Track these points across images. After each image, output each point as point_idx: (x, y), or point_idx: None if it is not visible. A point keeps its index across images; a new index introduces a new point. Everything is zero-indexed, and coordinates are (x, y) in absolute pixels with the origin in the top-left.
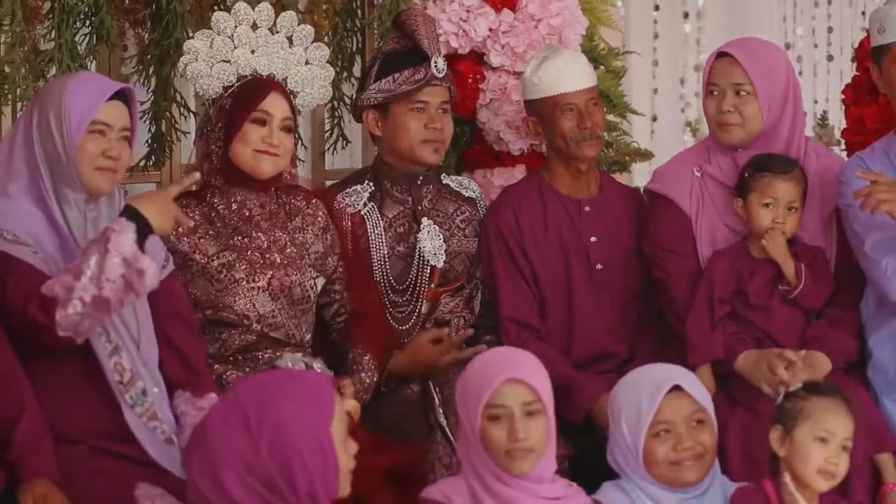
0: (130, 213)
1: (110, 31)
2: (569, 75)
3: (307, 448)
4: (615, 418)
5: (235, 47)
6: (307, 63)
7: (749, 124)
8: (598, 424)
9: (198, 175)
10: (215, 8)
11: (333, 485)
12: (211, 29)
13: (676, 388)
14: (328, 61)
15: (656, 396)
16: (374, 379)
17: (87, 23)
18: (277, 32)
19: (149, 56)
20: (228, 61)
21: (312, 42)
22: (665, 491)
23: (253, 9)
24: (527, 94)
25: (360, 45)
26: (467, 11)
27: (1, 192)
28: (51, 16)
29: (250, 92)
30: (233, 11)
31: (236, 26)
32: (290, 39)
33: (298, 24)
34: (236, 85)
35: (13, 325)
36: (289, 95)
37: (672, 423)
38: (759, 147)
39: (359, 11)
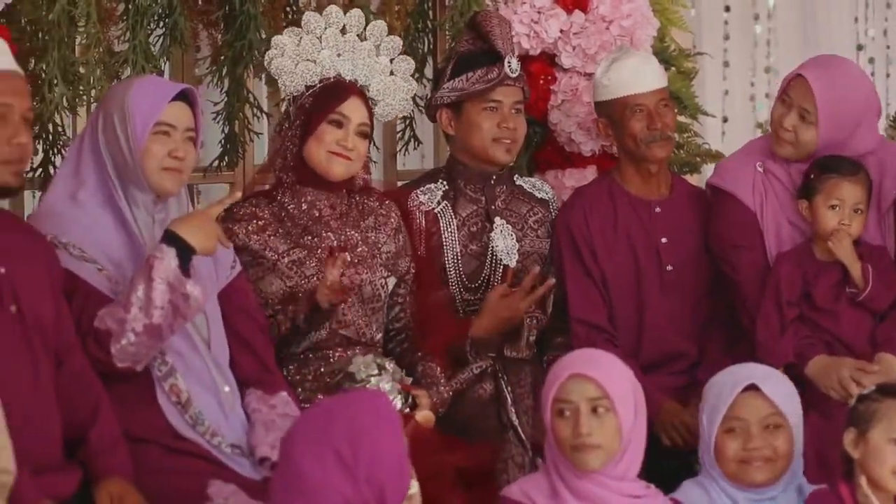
0: (170, 237)
1: (184, 32)
2: (639, 76)
3: (394, 470)
4: (701, 409)
5: (322, 48)
6: (391, 74)
7: (801, 147)
8: (659, 433)
9: (239, 194)
10: (287, 10)
11: (403, 497)
12: (285, 30)
13: (757, 389)
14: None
15: (733, 391)
16: (450, 392)
17: (161, 24)
18: (366, 40)
19: (222, 57)
20: (314, 61)
21: (399, 54)
22: (737, 490)
23: (345, 13)
24: (597, 95)
25: (431, 47)
26: (538, 13)
27: (70, 198)
28: (125, 17)
29: (331, 93)
30: (324, 13)
31: (326, 28)
32: (377, 48)
33: (388, 35)
34: (318, 85)
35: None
36: (368, 102)
37: (745, 422)
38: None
39: (430, 13)
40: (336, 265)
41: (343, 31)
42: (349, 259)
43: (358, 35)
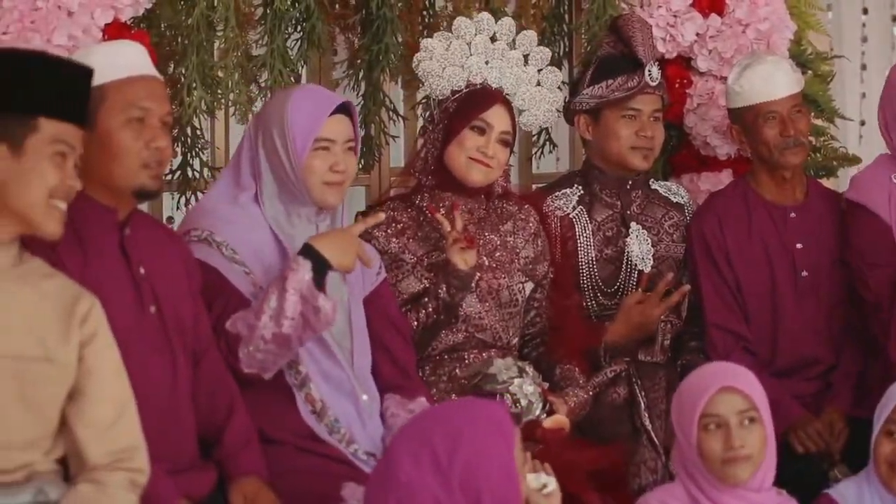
0: (308, 251)
1: (321, 36)
2: (771, 83)
3: (496, 480)
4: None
5: (471, 54)
6: (538, 84)
7: None
8: (792, 441)
9: (382, 216)
10: (424, 13)
11: None
12: (436, 34)
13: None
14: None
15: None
16: (590, 394)
17: (299, 28)
18: (515, 48)
19: (359, 61)
20: (461, 66)
21: (548, 65)
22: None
23: (496, 21)
24: (730, 102)
25: (567, 50)
26: (675, 16)
27: (230, 200)
28: (263, 21)
29: (476, 100)
30: (475, 20)
31: (476, 34)
32: (525, 57)
33: (538, 46)
34: (464, 91)
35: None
36: (513, 111)
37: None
38: None
39: (566, 16)
40: (456, 220)
41: (493, 38)
42: (469, 229)
43: (508, 44)
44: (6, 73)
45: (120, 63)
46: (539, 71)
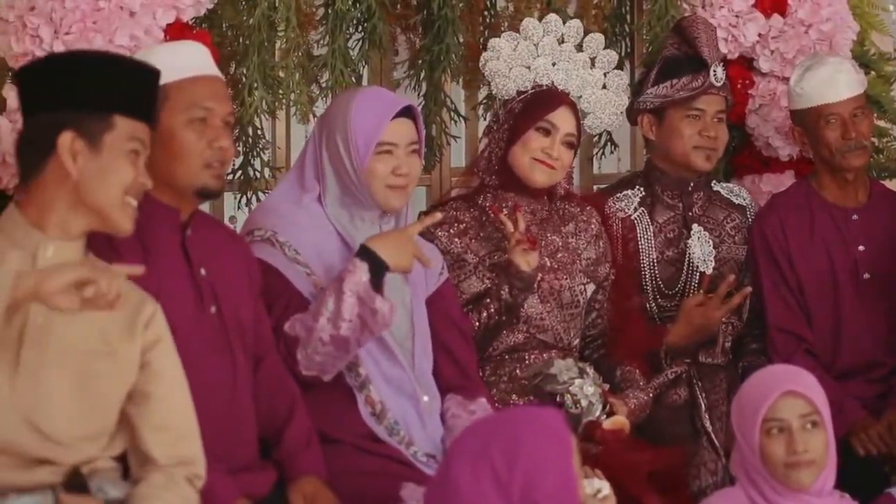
0: (365, 252)
1: (382, 36)
2: (832, 85)
3: (556, 490)
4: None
5: (538, 56)
6: (604, 87)
7: None
8: (854, 444)
9: (439, 215)
10: (485, 14)
11: None
12: (503, 34)
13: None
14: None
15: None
16: (650, 396)
17: (360, 28)
18: (582, 51)
19: (420, 61)
20: (528, 67)
21: (613, 68)
22: None
23: (564, 23)
24: (791, 103)
25: (628, 51)
26: (737, 17)
27: (294, 201)
28: (324, 22)
29: (542, 101)
30: (543, 21)
31: (544, 35)
32: (592, 60)
33: (605, 49)
34: (530, 92)
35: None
36: (578, 113)
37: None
38: None
39: (628, 16)
40: (519, 221)
41: (561, 40)
42: (535, 236)
43: (575, 46)
44: (84, 72)
45: (182, 63)
46: (605, 74)
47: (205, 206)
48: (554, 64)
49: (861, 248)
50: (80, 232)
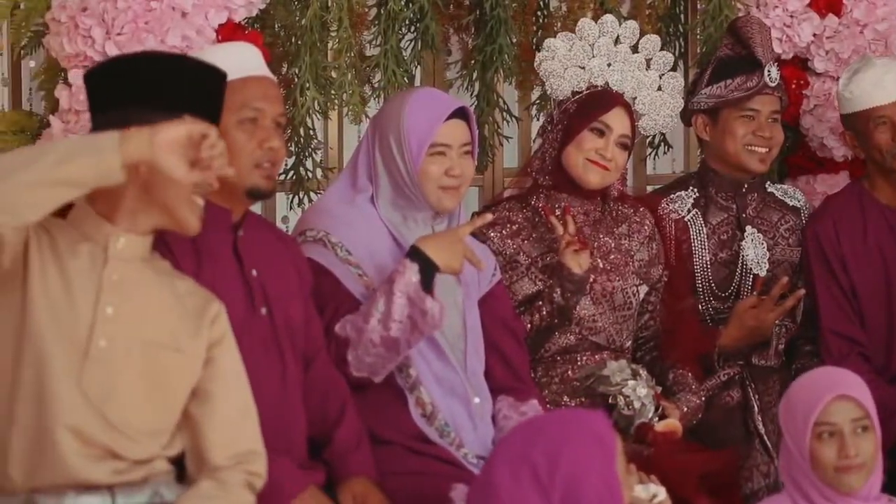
0: (415, 253)
1: (435, 36)
2: (881, 87)
3: (598, 494)
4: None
5: (594, 56)
6: (659, 89)
7: None
8: None
9: (490, 216)
10: (538, 14)
11: None
12: (559, 34)
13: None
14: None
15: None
16: (702, 399)
17: (413, 28)
18: (637, 52)
19: (472, 61)
20: (583, 68)
21: (669, 70)
22: None
23: (619, 24)
24: (841, 107)
25: (682, 51)
26: (791, 17)
27: (347, 202)
28: (377, 22)
29: (597, 102)
30: (599, 22)
31: (599, 36)
32: (648, 62)
33: (661, 50)
34: (585, 92)
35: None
36: (633, 115)
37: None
38: None
39: (682, 17)
40: (569, 223)
41: (617, 41)
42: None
43: (630, 47)
44: (156, 72)
45: (234, 64)
46: (661, 76)
47: (257, 207)
48: (609, 65)
49: None
50: (148, 228)
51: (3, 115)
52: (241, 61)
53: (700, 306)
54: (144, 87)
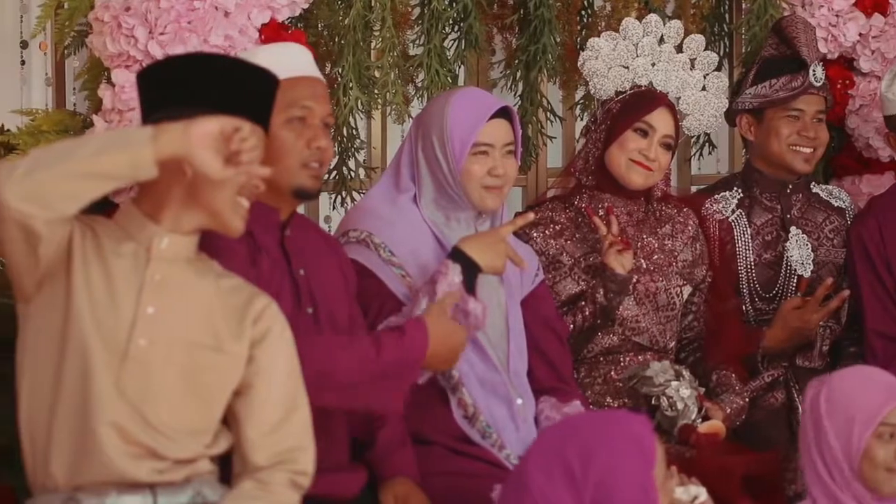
0: (457, 254)
1: (478, 36)
2: None
3: (631, 496)
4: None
5: (637, 56)
6: (703, 89)
7: None
8: None
9: (532, 216)
10: (582, 13)
11: None
12: (603, 34)
13: None
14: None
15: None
16: (746, 401)
17: (456, 28)
18: (682, 52)
19: (516, 61)
20: (627, 67)
21: (713, 70)
22: None
23: (664, 23)
24: (884, 109)
25: (727, 50)
26: (836, 16)
27: (390, 202)
28: (420, 21)
29: (640, 102)
30: (643, 22)
31: (644, 36)
32: (692, 62)
33: (705, 50)
34: (628, 92)
35: None
36: (676, 115)
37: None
38: None
39: (727, 16)
40: (612, 223)
41: (661, 41)
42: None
43: (675, 47)
44: (208, 74)
45: (284, 64)
46: (705, 76)
47: (300, 207)
48: (653, 64)
49: None
50: (192, 228)
51: (46, 115)
52: (292, 61)
53: (744, 307)
54: (195, 89)
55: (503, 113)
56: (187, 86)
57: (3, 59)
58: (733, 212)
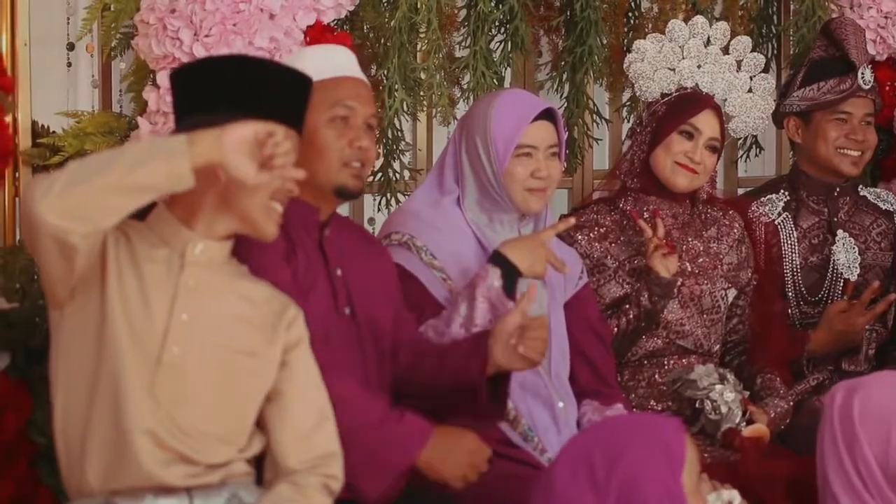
0: (497, 258)
1: (525, 38)
2: None
3: (656, 501)
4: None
5: (683, 58)
6: (750, 91)
7: None
8: None
9: (573, 220)
10: (629, 15)
11: None
12: (648, 36)
13: None
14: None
15: None
16: (790, 405)
17: (502, 30)
18: (728, 54)
19: (562, 63)
20: (673, 69)
21: (760, 72)
22: None
23: (710, 25)
24: None
25: (775, 52)
26: (885, 18)
27: (433, 204)
28: (466, 23)
29: (686, 104)
30: (689, 23)
31: (690, 37)
32: (738, 63)
33: (752, 52)
34: (674, 94)
35: None
36: (722, 117)
37: None
38: None
39: (774, 17)
40: (658, 226)
41: (707, 42)
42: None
43: (721, 48)
44: (244, 76)
45: (329, 64)
46: (752, 78)
47: (344, 208)
48: (699, 66)
49: None
50: (225, 233)
51: (92, 117)
52: (337, 62)
53: (789, 310)
54: (226, 91)
55: (547, 115)
56: (220, 89)
57: (49, 61)
58: (779, 214)
